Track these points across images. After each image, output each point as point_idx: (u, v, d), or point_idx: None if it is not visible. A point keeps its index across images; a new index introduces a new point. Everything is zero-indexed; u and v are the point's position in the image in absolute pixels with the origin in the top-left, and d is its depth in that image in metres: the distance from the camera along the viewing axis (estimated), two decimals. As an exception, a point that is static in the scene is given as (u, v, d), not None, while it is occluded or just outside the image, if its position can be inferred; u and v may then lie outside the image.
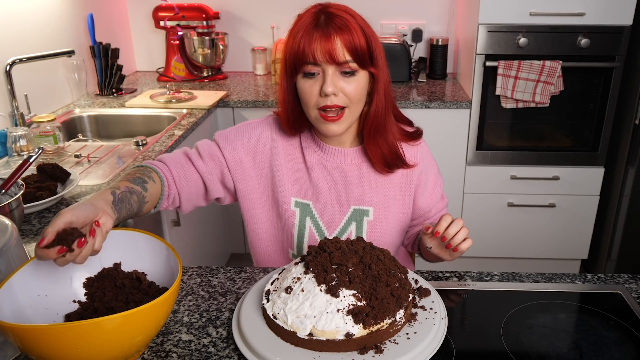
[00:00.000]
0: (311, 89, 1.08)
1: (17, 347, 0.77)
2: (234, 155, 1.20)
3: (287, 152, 1.21)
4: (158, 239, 0.94)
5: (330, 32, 1.04)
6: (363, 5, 2.90)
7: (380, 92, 1.12)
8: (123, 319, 0.75)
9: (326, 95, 1.06)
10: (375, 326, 0.84)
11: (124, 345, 0.80)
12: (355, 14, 1.09)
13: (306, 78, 1.08)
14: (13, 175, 1.29)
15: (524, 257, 2.72)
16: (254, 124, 1.23)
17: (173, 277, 0.90)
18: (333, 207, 1.22)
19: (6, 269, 0.86)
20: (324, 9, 1.08)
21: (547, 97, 2.38)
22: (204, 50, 2.76)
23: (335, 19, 1.05)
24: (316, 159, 1.21)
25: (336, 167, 1.20)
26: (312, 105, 1.10)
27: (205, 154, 1.19)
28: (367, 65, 1.08)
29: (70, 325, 0.73)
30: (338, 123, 1.10)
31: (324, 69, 1.06)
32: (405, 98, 2.45)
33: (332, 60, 1.04)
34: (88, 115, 2.32)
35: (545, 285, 1.07)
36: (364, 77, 1.09)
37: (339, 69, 1.06)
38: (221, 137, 1.22)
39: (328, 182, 1.21)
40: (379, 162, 1.18)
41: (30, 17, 2.10)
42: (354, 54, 1.05)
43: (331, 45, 1.03)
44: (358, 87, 1.08)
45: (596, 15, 2.28)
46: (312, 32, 1.05)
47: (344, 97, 1.08)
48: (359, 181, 1.21)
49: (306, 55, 1.05)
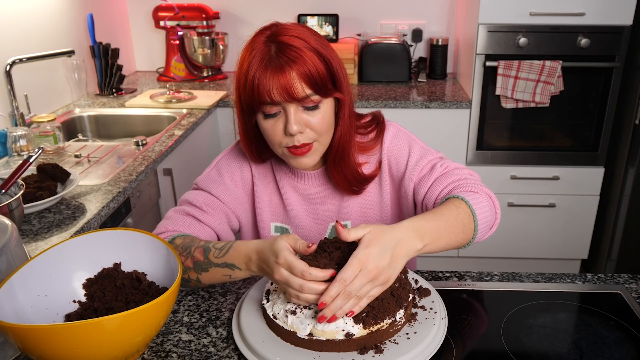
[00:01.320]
0: (274, 129, 1.00)
1: (17, 347, 0.77)
2: (229, 196, 1.15)
3: (263, 178, 1.17)
4: (158, 239, 0.94)
5: (283, 66, 0.94)
6: (363, 5, 2.93)
7: (345, 116, 1.05)
8: (123, 319, 0.75)
9: (291, 135, 0.99)
10: (375, 326, 0.84)
11: (124, 345, 0.80)
12: (308, 35, 0.98)
13: (267, 118, 1.00)
14: (13, 175, 1.29)
15: (524, 257, 2.72)
16: (231, 155, 1.18)
17: (173, 277, 0.90)
18: (311, 228, 1.19)
19: (6, 269, 0.86)
20: (273, 35, 0.97)
21: (547, 97, 2.38)
22: (204, 50, 2.76)
23: (287, 49, 0.95)
24: (288, 182, 1.16)
25: (307, 190, 1.16)
26: (277, 144, 1.02)
27: (205, 206, 1.12)
28: (331, 92, 1.00)
29: (70, 325, 0.73)
30: (308, 156, 1.03)
31: (284, 107, 0.97)
32: (405, 98, 2.45)
33: (291, 98, 0.95)
34: (88, 115, 2.32)
35: (545, 285, 1.07)
36: (329, 104, 1.01)
37: (301, 104, 0.97)
38: (207, 183, 1.15)
39: (302, 204, 1.17)
40: (344, 187, 1.12)
41: (30, 17, 2.10)
42: (314, 86, 0.96)
43: (287, 81, 0.94)
44: (324, 119, 1.00)
45: (596, 15, 2.28)
46: (265, 68, 0.94)
47: (310, 132, 1.00)
48: (332, 199, 1.17)
49: (262, 96, 0.96)
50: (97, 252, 0.94)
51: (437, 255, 2.70)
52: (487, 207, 1.01)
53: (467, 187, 1.04)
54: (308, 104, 0.98)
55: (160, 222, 1.12)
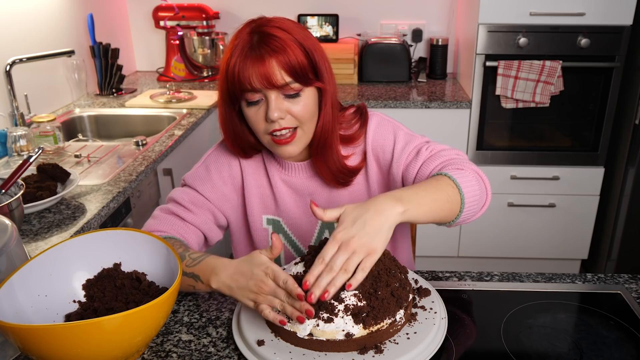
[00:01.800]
0: (257, 116, 1.03)
1: (17, 347, 0.77)
2: (216, 193, 1.16)
3: (253, 171, 1.18)
4: (158, 239, 0.94)
5: (263, 54, 0.97)
6: (363, 5, 2.93)
7: (327, 106, 1.06)
8: (123, 319, 0.75)
9: (272, 121, 1.01)
10: (375, 326, 0.84)
11: (124, 345, 0.80)
12: (292, 27, 1.01)
13: (250, 106, 1.02)
14: (13, 175, 1.29)
15: (524, 257, 2.72)
16: (218, 153, 1.18)
17: (173, 277, 0.90)
18: (302, 220, 1.19)
19: (6, 269, 0.86)
20: (257, 27, 1.01)
21: (547, 97, 2.38)
22: (204, 50, 2.76)
23: (269, 39, 0.98)
24: (279, 175, 1.17)
25: (296, 182, 1.17)
26: (262, 132, 1.05)
27: (190, 204, 1.14)
28: (311, 81, 1.02)
29: (70, 325, 0.73)
30: (292, 144, 1.05)
31: (265, 94, 1.00)
32: (405, 98, 2.45)
33: (270, 85, 0.98)
34: (88, 115, 2.32)
35: (545, 285, 1.07)
36: (311, 93, 1.04)
37: (281, 92, 1.00)
38: (194, 180, 1.16)
39: (292, 196, 1.18)
40: (330, 180, 1.14)
41: (30, 17, 2.10)
42: (294, 74, 0.99)
43: (267, 69, 0.97)
44: (306, 107, 1.03)
45: (596, 15, 2.28)
46: (246, 57, 0.98)
47: (292, 119, 1.03)
48: (320, 191, 1.17)
49: (243, 83, 0.98)
50: (97, 252, 0.94)
51: (437, 255, 2.70)
52: (475, 182, 1.02)
53: (454, 166, 1.06)
54: (288, 91, 1.00)
55: (147, 221, 1.14)
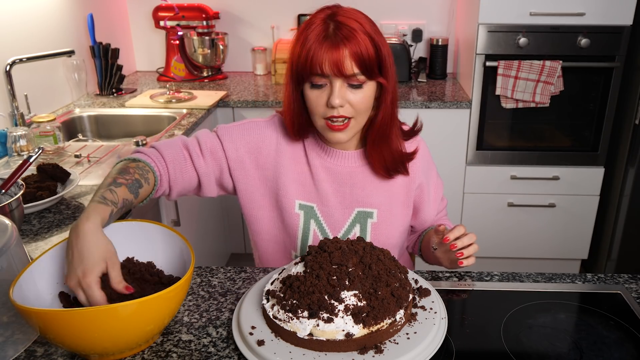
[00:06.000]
0: (318, 100, 1.08)
1: (36, 330, 0.82)
2: (236, 155, 1.18)
3: (291, 155, 1.20)
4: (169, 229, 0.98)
5: (338, 43, 1.03)
6: (363, 5, 2.91)
7: (387, 102, 1.12)
8: (138, 305, 0.79)
9: (333, 107, 1.06)
10: (375, 326, 0.84)
11: (137, 332, 0.84)
12: (365, 20, 1.07)
13: (314, 88, 1.07)
14: (13, 175, 1.29)
15: (524, 257, 2.72)
16: (260, 123, 1.22)
17: (186, 266, 0.94)
18: (337, 209, 1.21)
19: (6, 268, 0.87)
20: (333, 15, 1.06)
21: (547, 97, 2.38)
22: (204, 50, 2.76)
23: (344, 28, 1.03)
24: (320, 162, 1.20)
25: (340, 170, 1.20)
26: (318, 115, 1.10)
27: (207, 150, 1.17)
28: (375, 75, 1.07)
29: (86, 310, 0.78)
30: (344, 132, 1.11)
31: (331, 81, 1.05)
32: (405, 98, 2.45)
33: (339, 73, 1.03)
34: (88, 115, 2.32)
35: (545, 285, 1.08)
36: (372, 87, 1.09)
37: (347, 81, 1.05)
38: (225, 133, 1.19)
39: (332, 184, 1.21)
40: (379, 168, 1.19)
41: (30, 17, 2.10)
42: (362, 66, 1.04)
43: (339, 58, 1.02)
44: (365, 98, 1.08)
45: (596, 15, 2.28)
46: (321, 43, 1.03)
47: (350, 108, 1.08)
48: (362, 183, 1.21)
49: (314, 67, 1.04)
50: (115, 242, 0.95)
51: (437, 255, 2.69)
52: None
53: None
54: (353, 82, 1.06)
55: (162, 140, 1.18)
